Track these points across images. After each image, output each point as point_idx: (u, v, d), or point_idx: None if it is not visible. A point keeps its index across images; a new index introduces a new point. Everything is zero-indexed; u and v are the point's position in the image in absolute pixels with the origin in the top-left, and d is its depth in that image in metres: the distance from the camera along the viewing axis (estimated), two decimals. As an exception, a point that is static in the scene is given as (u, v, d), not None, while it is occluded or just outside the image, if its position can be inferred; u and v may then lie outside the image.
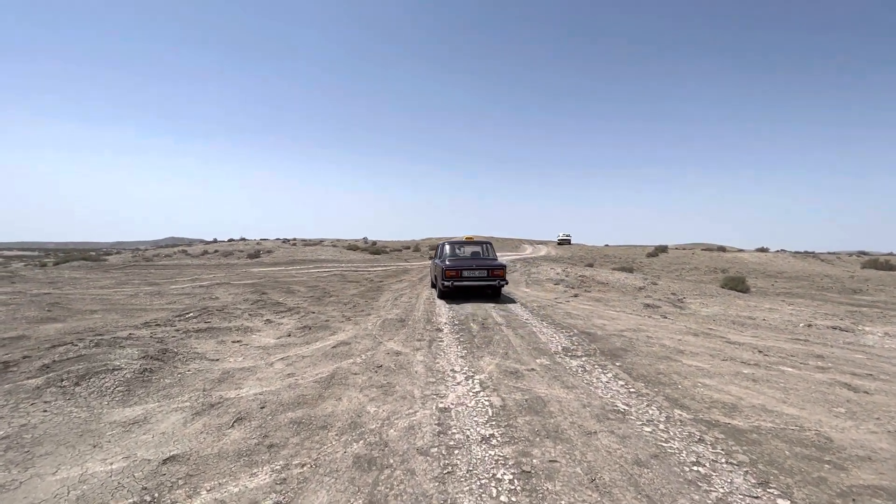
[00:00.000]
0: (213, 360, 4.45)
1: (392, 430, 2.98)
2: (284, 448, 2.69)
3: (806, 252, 30.22)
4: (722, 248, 34.52)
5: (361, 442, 2.80)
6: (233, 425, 2.98)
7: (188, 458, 2.50)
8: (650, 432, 2.97)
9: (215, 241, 42.79)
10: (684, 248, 36.67)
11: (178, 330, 5.69)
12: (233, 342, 5.27)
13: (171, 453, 2.55)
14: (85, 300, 7.87)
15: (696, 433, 2.96)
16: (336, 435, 2.90)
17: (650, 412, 3.34)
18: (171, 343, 4.84)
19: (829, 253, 32.22)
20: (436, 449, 2.72)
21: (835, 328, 6.47)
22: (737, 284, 11.40)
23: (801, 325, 6.71)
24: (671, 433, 2.96)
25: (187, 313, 6.90)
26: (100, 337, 4.79)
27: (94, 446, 2.63)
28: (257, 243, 35.43)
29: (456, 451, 2.69)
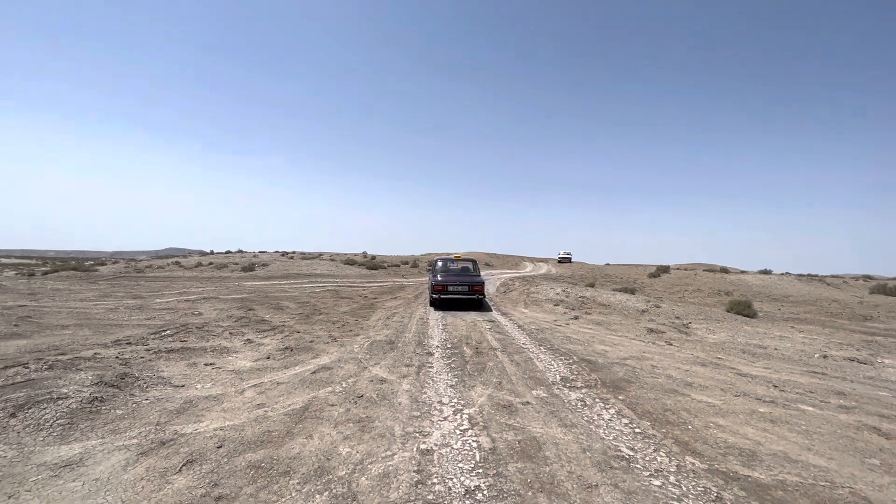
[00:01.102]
0: (177, 386, 4.06)
1: (363, 479, 2.59)
2: (234, 501, 2.31)
3: (810, 275, 29.82)
4: (725, 270, 34.12)
5: (326, 494, 2.42)
6: (181, 469, 2.59)
7: (115, 516, 2.12)
8: (659, 487, 2.58)
9: (212, 252, 42.47)
10: (686, 269, 36.28)
11: (149, 350, 5.31)
12: (205, 365, 4.89)
13: (97, 508, 2.17)
14: (60, 314, 7.49)
15: (713, 489, 2.57)
16: (298, 483, 2.51)
17: (658, 459, 2.95)
18: (135, 366, 4.46)
19: (833, 276, 31.80)
20: (411, 505, 2.33)
21: (852, 360, 6.07)
22: (743, 308, 11.00)
23: (816, 355, 6.31)
24: (684, 488, 2.57)
25: (164, 330, 6.53)
26: (59, 357, 4.42)
27: (10, 496, 2.24)
28: (254, 256, 35.10)
29: (434, 509, 2.30)
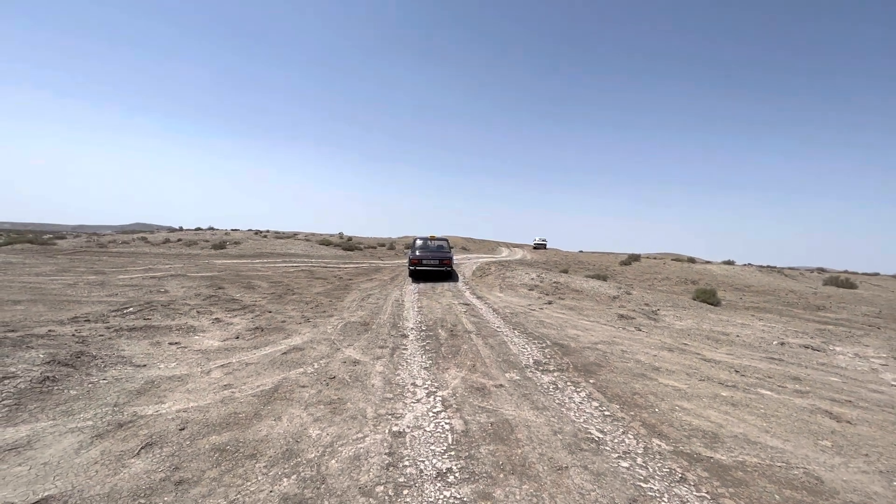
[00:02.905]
0: (138, 366, 3.88)
1: (333, 461, 2.54)
2: (196, 485, 2.22)
3: (770, 267, 31.23)
4: (692, 260, 35.32)
5: (294, 477, 2.36)
6: (139, 453, 2.47)
7: (65, 502, 2.00)
8: (627, 468, 2.63)
9: (181, 228, 40.86)
10: (655, 258, 37.36)
11: (109, 327, 5.06)
12: (170, 344, 4.69)
13: (46, 493, 2.04)
14: (11, 288, 7.05)
15: (678, 470, 2.65)
16: (265, 467, 2.44)
17: (627, 441, 3.01)
18: (93, 344, 4.24)
19: (790, 268, 33.42)
20: (381, 488, 2.30)
21: (807, 347, 6.38)
22: (708, 297, 11.41)
23: (774, 342, 6.60)
24: (650, 469, 2.63)
25: (127, 308, 6.24)
26: (7, 335, 4.15)
27: (-53, 482, 2.09)
28: (226, 234, 33.98)
29: (405, 491, 2.28)
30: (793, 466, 2.76)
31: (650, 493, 2.37)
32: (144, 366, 3.92)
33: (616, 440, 3.02)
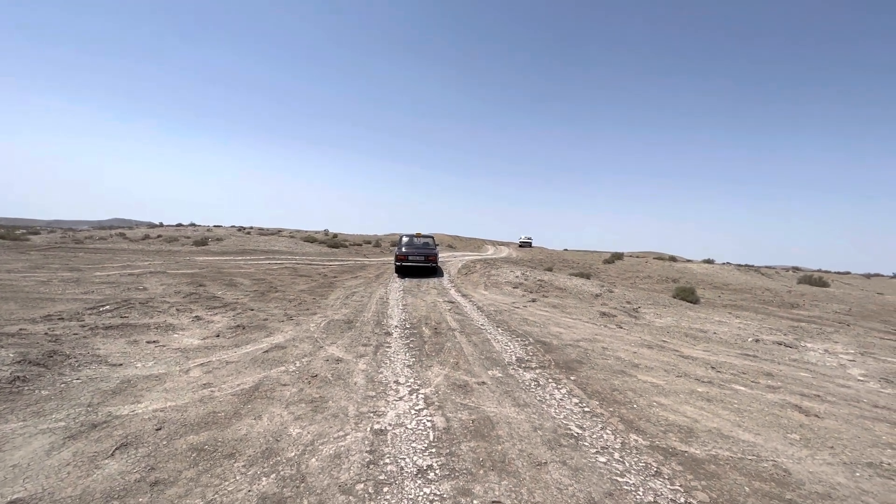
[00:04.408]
0: (114, 365, 3.80)
1: (314, 460, 2.53)
2: (173, 486, 2.19)
3: (748, 265, 32.06)
4: (673, 258, 36.04)
5: (273, 476, 2.34)
6: (113, 454, 2.43)
7: (36, 504, 1.96)
8: (604, 463, 2.69)
9: (161, 224, 39.94)
10: (638, 256, 38.02)
11: (84, 326, 4.94)
12: (147, 342, 4.60)
13: (14, 496, 1.99)
14: (-20, 286, 6.81)
15: (653, 464, 2.71)
16: (244, 466, 2.42)
17: (605, 437, 3.07)
18: (66, 343, 4.13)
19: (767, 267, 34.35)
20: (361, 486, 2.31)
21: (780, 343, 6.59)
22: (688, 295, 11.69)
23: (749, 339, 6.80)
24: (627, 464, 2.70)
25: (103, 305, 6.09)
26: (-25, 333, 4.01)
27: None
28: (208, 230, 33.34)
29: (385, 489, 2.29)
30: (762, 459, 2.85)
31: (626, 487, 2.42)
32: (120, 365, 3.84)
33: (595, 436, 3.08)
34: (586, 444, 2.95)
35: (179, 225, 39.38)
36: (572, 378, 4.33)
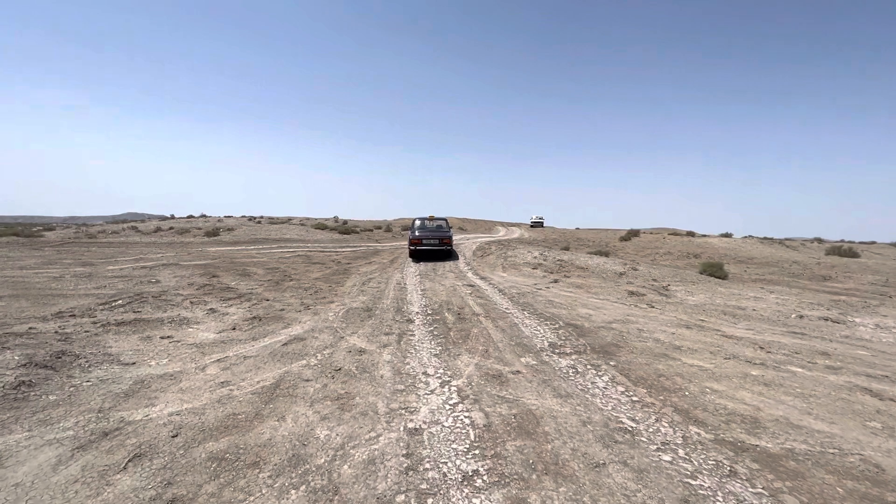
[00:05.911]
0: (126, 364, 3.58)
1: (346, 467, 2.28)
2: (192, 503, 1.95)
3: (770, 238, 31.13)
4: (691, 234, 35.18)
5: (303, 488, 2.09)
6: (126, 467, 2.19)
7: (38, 532, 1.72)
8: (670, 462, 2.39)
9: (172, 217, 40.10)
10: (653, 233, 37.19)
11: (95, 322, 4.75)
12: (161, 338, 4.39)
13: (16, 523, 1.76)
14: (-8, 284, 6.69)
15: (725, 462, 2.40)
16: (269, 477, 2.17)
17: (663, 430, 2.77)
18: (77, 341, 3.93)
19: (789, 239, 33.34)
20: (402, 497, 2.04)
21: (826, 319, 6.18)
22: (715, 270, 11.21)
23: (792, 315, 6.40)
24: (695, 463, 2.39)
25: (115, 300, 5.91)
26: (-17, 334, 3.82)
27: None
28: (219, 220, 33.35)
29: (429, 500, 2.02)
30: (847, 453, 2.53)
31: (701, 492, 2.12)
32: (133, 364, 3.63)
33: (651, 429, 2.78)
34: (643, 439, 2.65)
35: (190, 216, 39.50)
36: (612, 363, 4.02)
